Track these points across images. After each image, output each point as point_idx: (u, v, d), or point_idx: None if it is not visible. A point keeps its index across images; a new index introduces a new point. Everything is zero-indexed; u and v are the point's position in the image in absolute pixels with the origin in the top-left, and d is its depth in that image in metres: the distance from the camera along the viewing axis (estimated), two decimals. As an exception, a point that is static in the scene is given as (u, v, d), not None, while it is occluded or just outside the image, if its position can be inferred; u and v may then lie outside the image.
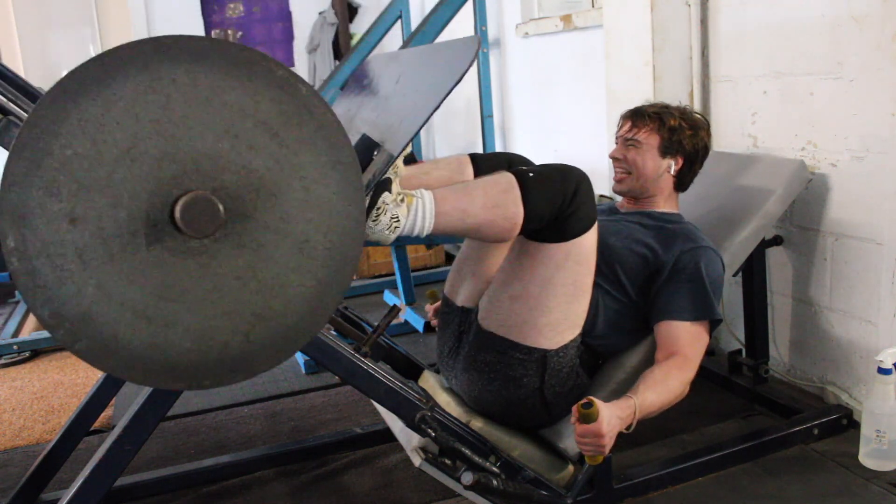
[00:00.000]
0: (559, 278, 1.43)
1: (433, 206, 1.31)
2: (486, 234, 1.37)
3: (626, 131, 1.76)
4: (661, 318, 1.56)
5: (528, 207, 1.33)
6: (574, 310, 1.49)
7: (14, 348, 2.88)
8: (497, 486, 1.34)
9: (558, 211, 1.36)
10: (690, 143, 1.73)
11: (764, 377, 2.12)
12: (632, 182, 1.74)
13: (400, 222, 1.29)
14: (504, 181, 1.35)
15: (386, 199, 1.27)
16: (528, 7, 3.44)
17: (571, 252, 1.42)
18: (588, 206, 1.40)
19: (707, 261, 1.58)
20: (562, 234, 1.40)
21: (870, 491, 1.64)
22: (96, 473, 1.25)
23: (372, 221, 1.27)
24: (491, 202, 1.33)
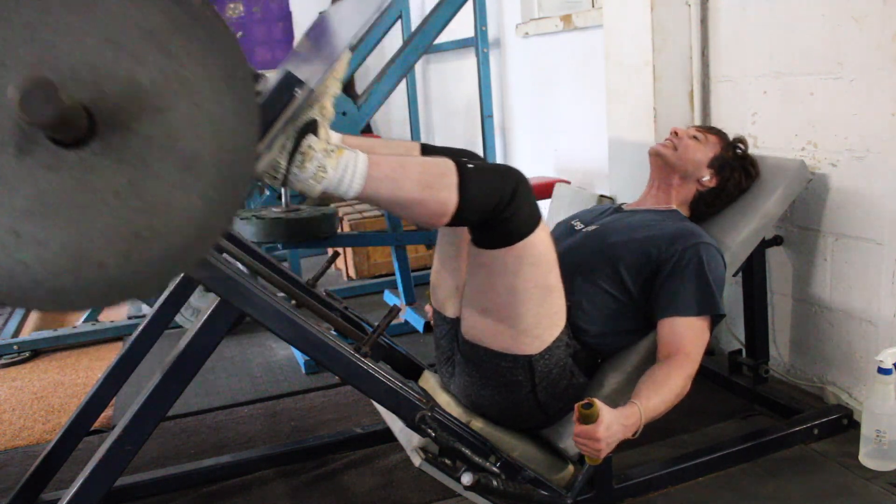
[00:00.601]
0: (520, 283, 1.40)
1: (366, 167, 1.25)
2: (414, 213, 1.32)
3: (697, 128, 1.85)
4: (664, 315, 1.56)
5: (463, 197, 1.29)
6: (546, 311, 1.46)
7: (14, 348, 2.88)
8: (497, 486, 1.34)
9: (495, 209, 1.32)
10: (735, 180, 1.82)
11: (764, 377, 2.12)
12: (671, 154, 1.79)
13: (327, 174, 1.23)
14: (443, 165, 1.31)
15: (312, 144, 1.22)
16: (528, 7, 3.45)
17: (524, 255, 1.38)
18: (529, 206, 1.36)
19: (709, 256, 1.58)
20: (508, 237, 1.36)
21: (870, 491, 1.64)
22: (96, 473, 1.25)
23: (296, 167, 1.21)
24: (426, 181, 1.28)
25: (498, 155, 3.70)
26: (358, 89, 5.01)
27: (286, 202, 2.58)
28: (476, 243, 1.40)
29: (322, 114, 1.25)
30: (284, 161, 1.22)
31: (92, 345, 2.99)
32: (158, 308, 1.63)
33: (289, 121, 1.19)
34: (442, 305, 1.63)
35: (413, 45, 2.94)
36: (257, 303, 1.24)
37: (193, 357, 1.27)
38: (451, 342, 1.61)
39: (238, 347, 2.84)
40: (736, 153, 1.84)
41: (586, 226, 1.77)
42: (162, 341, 1.67)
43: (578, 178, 3.10)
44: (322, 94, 1.25)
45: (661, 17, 2.25)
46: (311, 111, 1.24)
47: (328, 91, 1.26)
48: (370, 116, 2.92)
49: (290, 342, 1.32)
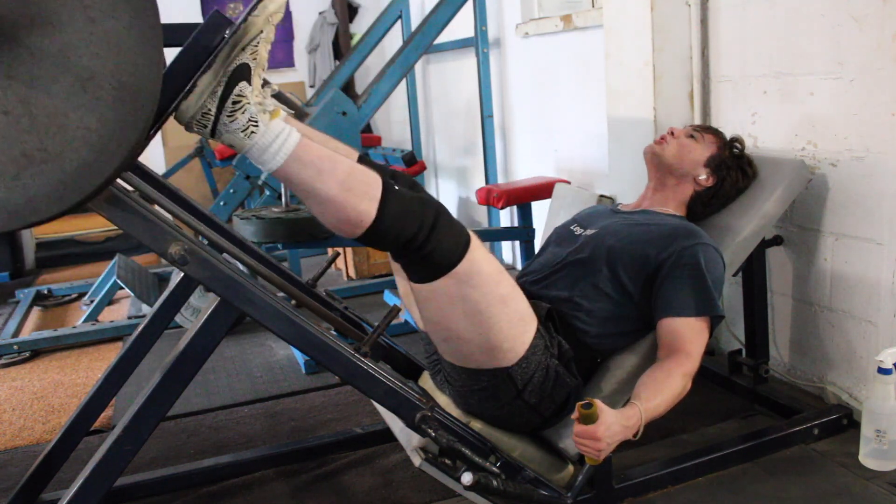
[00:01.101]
0: (471, 306, 1.36)
1: (295, 145, 1.20)
2: (327, 212, 1.26)
3: (693, 127, 1.84)
4: (662, 315, 1.56)
5: (381, 214, 1.24)
6: (509, 320, 1.42)
7: (14, 348, 2.88)
8: (497, 486, 1.34)
9: (413, 239, 1.27)
10: (731, 179, 1.82)
11: (764, 377, 2.12)
12: (668, 154, 1.79)
13: (258, 130, 1.17)
14: (372, 177, 1.27)
15: (245, 92, 1.16)
16: (528, 7, 3.45)
17: (463, 280, 1.33)
18: (452, 233, 1.31)
19: (708, 257, 1.58)
20: (438, 268, 1.32)
21: (870, 491, 1.64)
22: (96, 473, 1.25)
23: (227, 116, 1.16)
24: (348, 184, 1.23)
25: (498, 155, 3.70)
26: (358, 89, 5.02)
27: (286, 202, 2.58)
28: (411, 279, 1.36)
29: (255, 59, 1.19)
30: (215, 107, 1.17)
31: (92, 345, 2.99)
32: (158, 308, 1.63)
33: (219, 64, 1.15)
34: (418, 321, 1.63)
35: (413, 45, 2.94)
36: (257, 303, 1.24)
37: (193, 357, 1.27)
38: (436, 354, 1.60)
39: (238, 347, 2.84)
40: (733, 153, 1.84)
41: (585, 229, 1.76)
42: (162, 341, 1.67)
43: (578, 178, 3.10)
44: (254, 37, 1.19)
45: (661, 17, 2.25)
46: (244, 55, 1.18)
47: (262, 35, 1.20)
48: (370, 116, 2.92)
49: (290, 342, 1.32)
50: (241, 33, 1.18)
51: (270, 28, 1.20)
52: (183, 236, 1.18)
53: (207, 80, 1.16)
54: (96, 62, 0.93)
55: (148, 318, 1.64)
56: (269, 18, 1.19)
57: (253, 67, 1.19)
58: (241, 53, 1.18)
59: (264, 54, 1.21)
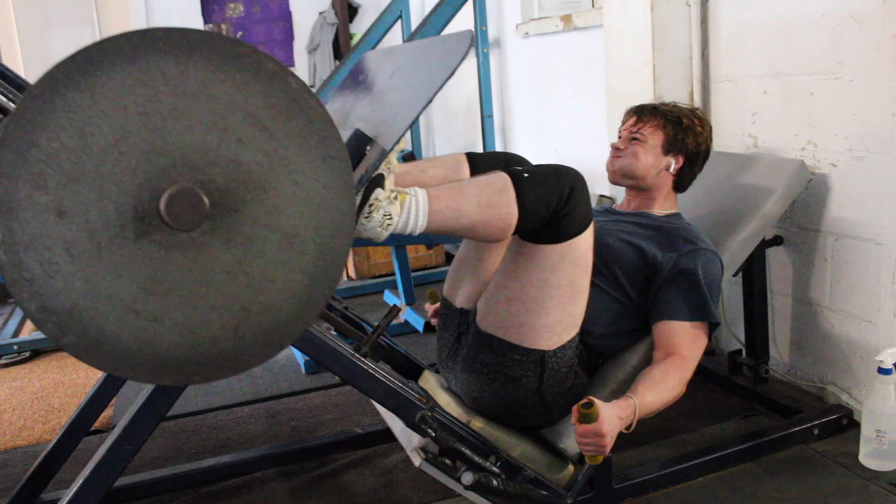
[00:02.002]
0: (555, 280, 1.42)
1: (427, 204, 1.30)
2: (480, 233, 1.36)
3: (632, 125, 1.76)
4: (658, 318, 1.57)
5: (523, 208, 1.32)
6: (571, 311, 1.48)
7: (14, 348, 2.88)
8: (497, 486, 1.34)
9: (553, 212, 1.35)
10: (693, 143, 1.73)
11: (764, 377, 2.12)
12: (623, 170, 1.74)
13: (393, 220, 1.27)
14: (499, 181, 1.34)
15: (379, 196, 1.26)
16: (528, 7, 3.45)
17: (567, 253, 1.41)
18: (583, 207, 1.39)
19: (705, 262, 1.58)
20: (557, 235, 1.39)
21: (870, 491, 1.64)
22: (96, 473, 1.25)
23: (364, 218, 1.26)
24: (485, 202, 1.32)
25: (498, 155, 3.70)
26: (358, 89, 5.01)
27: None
28: (523, 236, 1.41)
29: (388, 167, 1.29)
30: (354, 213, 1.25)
31: (92, 345, 2.98)
32: (158, 308, 1.63)
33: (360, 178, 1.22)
34: (454, 295, 1.65)
35: (412, 45, 2.94)
36: (257, 303, 1.25)
37: (193, 357, 1.27)
38: (457, 334, 1.61)
39: (238, 347, 2.84)
40: (680, 124, 1.73)
41: None
42: (162, 341, 1.66)
43: (578, 178, 3.10)
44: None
45: (661, 17, 2.25)
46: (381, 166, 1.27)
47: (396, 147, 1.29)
48: (370, 116, 2.92)
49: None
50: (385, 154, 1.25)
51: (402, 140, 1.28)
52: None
53: None
54: (300, 221, 1.03)
55: (148, 319, 1.64)
56: None
57: (386, 175, 1.28)
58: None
59: (395, 163, 1.32)
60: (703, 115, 1.81)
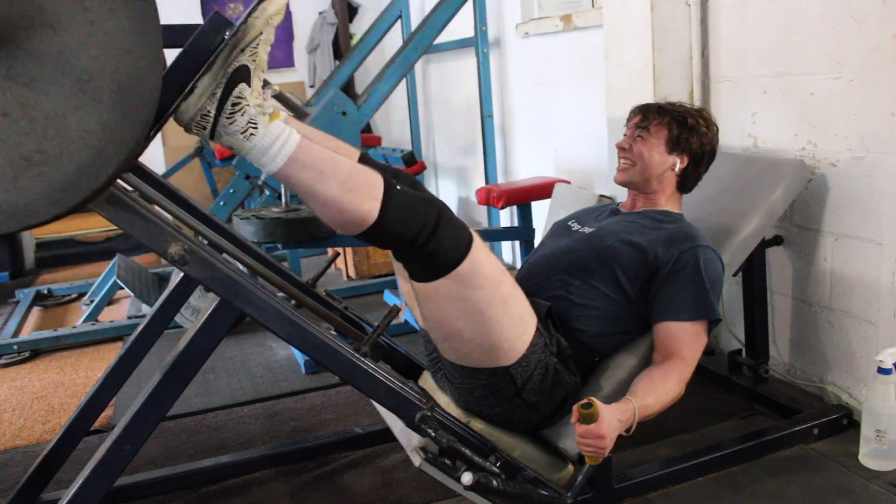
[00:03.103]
0: (472, 306, 1.36)
1: (295, 146, 1.20)
2: (329, 212, 1.26)
3: (636, 123, 1.75)
4: (659, 319, 1.57)
5: (383, 214, 1.25)
6: (510, 320, 1.41)
7: (14, 348, 2.88)
8: (497, 486, 1.34)
9: (415, 239, 1.27)
10: (698, 143, 1.72)
11: (764, 377, 2.12)
12: (634, 173, 1.73)
13: (257, 132, 1.17)
14: (374, 177, 1.27)
15: (244, 94, 1.16)
16: (528, 7, 3.45)
17: (464, 280, 1.33)
18: (454, 233, 1.31)
19: (706, 260, 1.58)
20: (440, 267, 1.32)
21: (870, 491, 1.64)
22: (96, 473, 1.25)
23: (226, 118, 1.16)
24: (350, 185, 1.23)
25: (498, 155, 3.70)
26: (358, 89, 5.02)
27: (286, 202, 2.58)
28: (413, 278, 1.36)
29: (255, 61, 1.18)
30: (214, 109, 1.17)
31: (92, 345, 2.99)
32: (158, 308, 1.63)
33: (219, 65, 1.15)
34: (419, 320, 1.63)
35: (413, 45, 2.94)
36: (257, 303, 1.24)
37: (193, 357, 1.27)
38: (436, 352, 1.60)
39: (238, 347, 2.84)
40: (685, 123, 1.72)
41: (583, 227, 1.76)
42: (162, 341, 1.67)
43: (578, 178, 3.10)
44: (254, 39, 1.18)
45: (661, 17, 2.25)
46: (243, 56, 1.18)
47: (261, 36, 1.19)
48: (370, 116, 2.92)
49: (290, 342, 1.32)
50: (241, 35, 1.18)
51: (270, 30, 1.20)
52: (183, 236, 1.18)
53: (207, 82, 1.16)
54: (95, 64, 0.93)
55: (148, 318, 1.64)
56: (269, 20, 1.19)
57: (252, 69, 1.18)
58: (240, 55, 1.18)
59: (264, 56, 1.20)
60: (710, 115, 1.79)
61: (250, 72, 1.18)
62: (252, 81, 1.18)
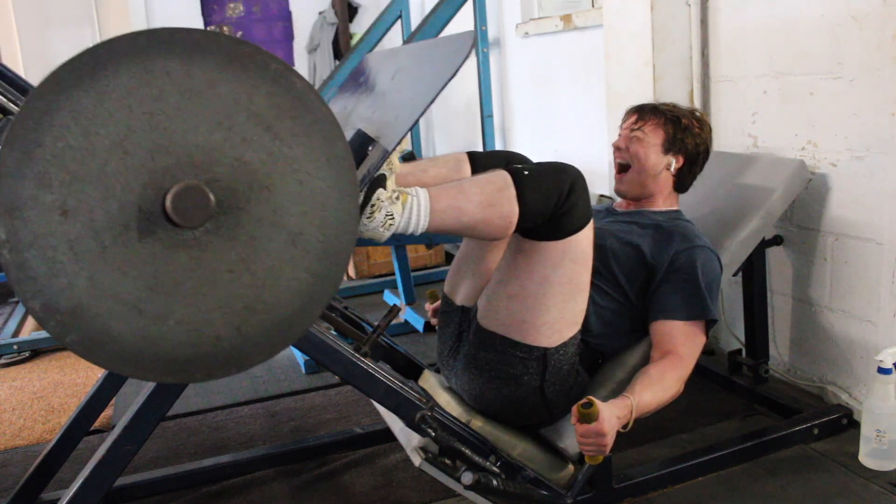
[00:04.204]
0: (556, 277, 1.43)
1: (428, 203, 1.30)
2: (481, 232, 1.37)
3: (632, 123, 1.76)
4: (656, 318, 1.57)
5: (524, 206, 1.33)
6: (572, 308, 1.49)
7: (14, 348, 2.88)
8: (497, 485, 1.34)
9: (553, 209, 1.36)
10: (693, 143, 1.73)
11: (764, 377, 2.12)
12: (632, 177, 1.74)
13: (395, 219, 1.28)
14: (499, 179, 1.35)
15: (381, 196, 1.26)
16: (528, 7, 3.45)
17: (567, 250, 1.41)
18: (583, 204, 1.39)
19: (703, 260, 1.59)
20: (557, 232, 1.39)
21: (870, 491, 1.64)
22: (96, 473, 1.25)
23: (366, 218, 1.26)
24: (486, 200, 1.33)
25: (498, 155, 3.70)
26: (358, 89, 5.01)
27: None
28: (524, 234, 1.41)
29: (391, 168, 1.30)
30: None
31: (92, 345, 2.98)
32: (159, 308, 1.63)
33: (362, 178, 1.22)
34: (455, 293, 1.65)
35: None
36: (258, 303, 1.25)
37: (194, 357, 1.27)
38: (457, 332, 1.61)
39: (238, 347, 2.84)
40: (679, 124, 1.73)
41: None
42: (162, 341, 1.66)
43: (578, 178, 3.10)
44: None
45: (661, 17, 2.25)
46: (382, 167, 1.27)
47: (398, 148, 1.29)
48: (370, 116, 2.92)
49: (291, 342, 1.32)
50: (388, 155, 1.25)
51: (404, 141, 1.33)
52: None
53: None
54: (304, 220, 1.04)
55: (148, 318, 1.64)
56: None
57: (388, 175, 1.28)
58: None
59: (397, 163, 1.33)
60: (703, 115, 1.81)
61: (386, 179, 1.28)
62: (387, 184, 1.28)
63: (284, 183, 1.01)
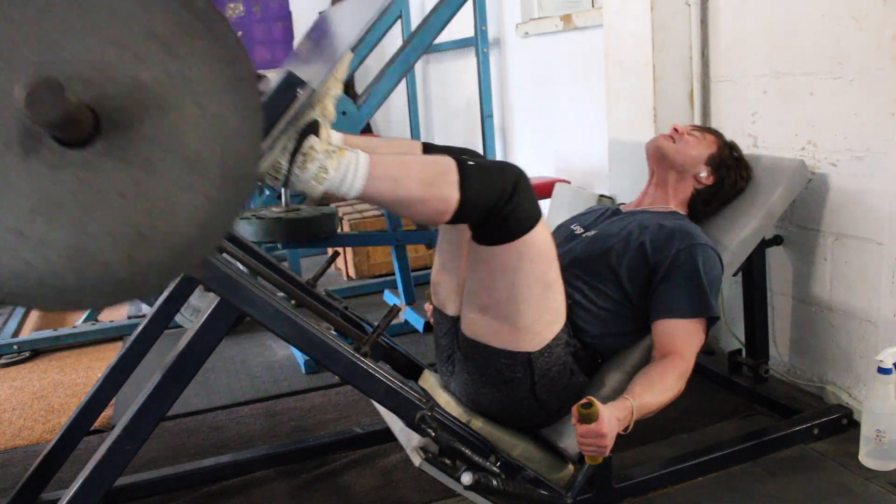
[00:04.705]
0: (521, 279, 1.40)
1: (367, 168, 1.25)
2: (416, 211, 1.32)
3: (693, 128, 1.85)
4: (658, 317, 1.57)
5: (464, 194, 1.29)
6: (547, 306, 1.46)
7: (14, 348, 2.88)
8: (497, 485, 1.34)
9: (495, 206, 1.32)
10: (731, 179, 1.84)
11: (764, 377, 2.12)
12: (672, 148, 1.80)
13: (328, 174, 1.23)
14: (444, 163, 1.31)
15: (314, 145, 1.22)
16: (528, 7, 3.45)
17: (524, 251, 1.38)
18: (528, 203, 1.36)
19: (704, 258, 1.59)
20: (507, 233, 1.36)
21: (870, 491, 1.64)
22: (96, 473, 1.25)
23: (298, 168, 1.22)
24: (427, 180, 1.28)
25: (498, 155, 3.70)
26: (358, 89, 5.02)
27: (286, 202, 2.58)
28: (476, 240, 1.39)
29: (323, 114, 1.26)
30: (286, 162, 1.22)
31: (92, 345, 2.99)
32: (158, 308, 1.63)
33: (290, 121, 1.19)
34: (442, 303, 1.64)
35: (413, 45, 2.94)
36: (257, 303, 1.25)
37: (193, 357, 1.27)
38: (451, 340, 1.61)
39: (238, 347, 2.84)
40: (732, 154, 1.86)
41: (586, 230, 1.77)
42: (162, 341, 1.67)
43: (578, 178, 3.10)
44: (324, 95, 1.25)
45: (661, 17, 2.25)
46: (313, 112, 1.24)
47: (330, 92, 1.26)
48: (370, 116, 2.92)
49: (290, 342, 1.32)
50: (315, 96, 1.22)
51: (338, 84, 1.27)
52: (183, 236, 1.18)
53: (282, 141, 1.21)
54: (204, 145, 0.98)
55: (148, 318, 1.64)
56: (336, 76, 1.25)
57: (321, 122, 1.24)
58: (311, 111, 1.23)
59: (332, 109, 1.27)
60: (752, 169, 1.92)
61: (319, 125, 1.24)
62: (321, 133, 1.24)
63: (182, 105, 0.95)
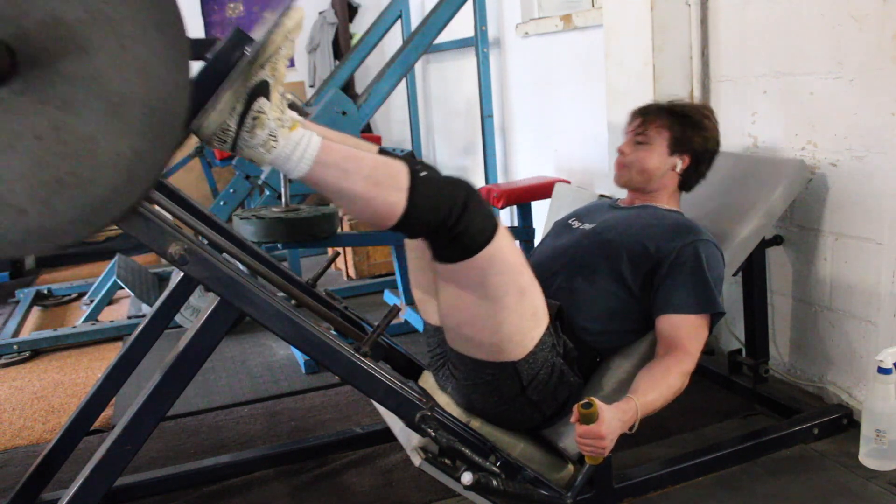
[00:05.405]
0: (491, 293, 1.37)
1: (317, 150, 1.21)
2: (359, 208, 1.27)
3: (636, 126, 1.75)
4: (662, 312, 1.56)
5: (411, 202, 1.25)
6: (521, 313, 1.42)
7: (14, 348, 2.88)
8: (497, 485, 1.34)
9: (443, 222, 1.27)
10: (700, 141, 1.72)
11: (764, 377, 2.12)
12: (630, 174, 1.74)
13: (278, 144, 1.18)
14: (397, 167, 1.28)
15: (264, 108, 1.17)
16: (528, 7, 3.45)
17: (486, 265, 1.33)
18: (482, 215, 1.31)
19: (708, 254, 1.58)
20: (466, 249, 1.32)
21: (870, 491, 1.64)
22: (96, 473, 1.24)
23: (247, 132, 1.17)
24: (376, 178, 1.24)
25: (498, 155, 3.70)
26: (358, 89, 5.02)
27: (286, 202, 2.58)
28: (436, 258, 1.36)
29: (274, 75, 1.20)
30: (234, 124, 1.17)
31: (92, 345, 2.99)
32: (158, 308, 1.63)
33: (239, 81, 1.15)
34: (426, 313, 1.63)
35: (413, 45, 2.94)
36: (257, 303, 1.24)
37: (193, 357, 1.27)
38: (441, 348, 1.60)
39: (238, 347, 2.84)
40: (683, 120, 1.72)
41: (583, 224, 1.76)
42: (162, 341, 1.67)
43: (578, 177, 3.10)
44: (273, 55, 1.19)
45: (661, 17, 2.25)
46: (263, 72, 1.19)
47: (281, 52, 1.20)
48: (370, 116, 2.92)
49: (290, 342, 1.32)
50: (261, 51, 1.18)
51: (289, 44, 1.21)
52: (183, 236, 1.18)
53: (227, 98, 1.16)
54: (126, 88, 0.94)
55: (148, 318, 1.64)
56: (288, 35, 1.20)
57: (272, 84, 1.20)
58: (260, 70, 1.19)
59: (283, 70, 1.22)
60: (711, 110, 1.80)
61: (270, 86, 1.19)
62: (271, 95, 1.19)
63: (105, 46, 0.91)
